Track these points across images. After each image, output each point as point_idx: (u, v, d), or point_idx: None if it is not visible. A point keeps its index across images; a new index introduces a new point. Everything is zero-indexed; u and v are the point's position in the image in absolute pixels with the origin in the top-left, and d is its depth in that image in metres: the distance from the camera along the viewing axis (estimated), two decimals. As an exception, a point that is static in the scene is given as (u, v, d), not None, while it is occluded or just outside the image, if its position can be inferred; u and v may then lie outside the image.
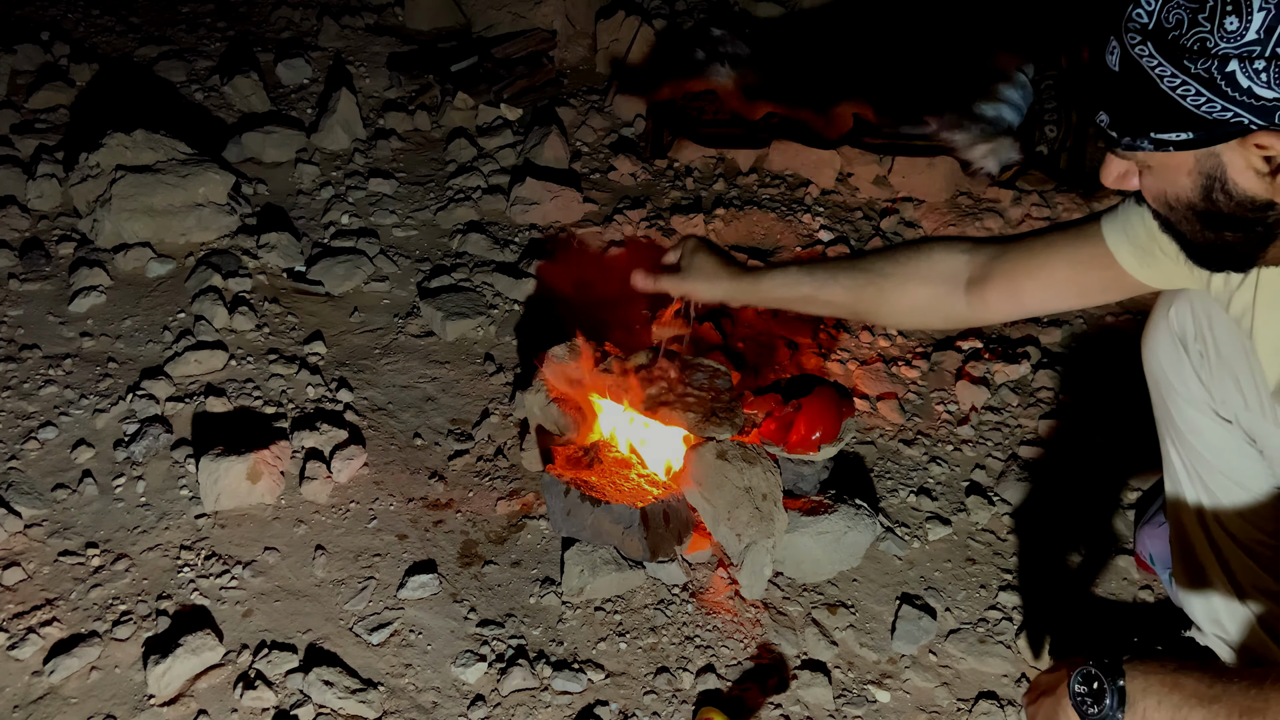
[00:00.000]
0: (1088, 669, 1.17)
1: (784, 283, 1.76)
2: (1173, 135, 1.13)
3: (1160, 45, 1.09)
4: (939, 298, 1.66)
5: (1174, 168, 1.18)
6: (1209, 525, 1.61)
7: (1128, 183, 1.27)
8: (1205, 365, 1.51)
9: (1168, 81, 1.10)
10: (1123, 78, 1.14)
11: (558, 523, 2.06)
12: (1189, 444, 1.58)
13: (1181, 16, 1.07)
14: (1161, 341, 1.57)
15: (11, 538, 2.04)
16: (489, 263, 2.87)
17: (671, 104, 3.39)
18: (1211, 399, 1.52)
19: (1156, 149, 1.15)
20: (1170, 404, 1.59)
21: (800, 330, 2.61)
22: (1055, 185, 3.13)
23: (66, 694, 1.77)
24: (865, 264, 1.72)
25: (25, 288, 2.73)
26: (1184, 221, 1.22)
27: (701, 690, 1.81)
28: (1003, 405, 2.45)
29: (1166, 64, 1.09)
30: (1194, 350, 1.52)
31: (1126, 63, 1.13)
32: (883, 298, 1.69)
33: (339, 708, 1.75)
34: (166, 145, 2.95)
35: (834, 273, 1.74)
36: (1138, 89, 1.13)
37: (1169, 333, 1.55)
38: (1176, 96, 1.10)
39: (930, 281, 1.65)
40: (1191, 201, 1.19)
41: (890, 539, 2.10)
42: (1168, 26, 1.09)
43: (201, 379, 2.44)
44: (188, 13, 4.13)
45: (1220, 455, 1.56)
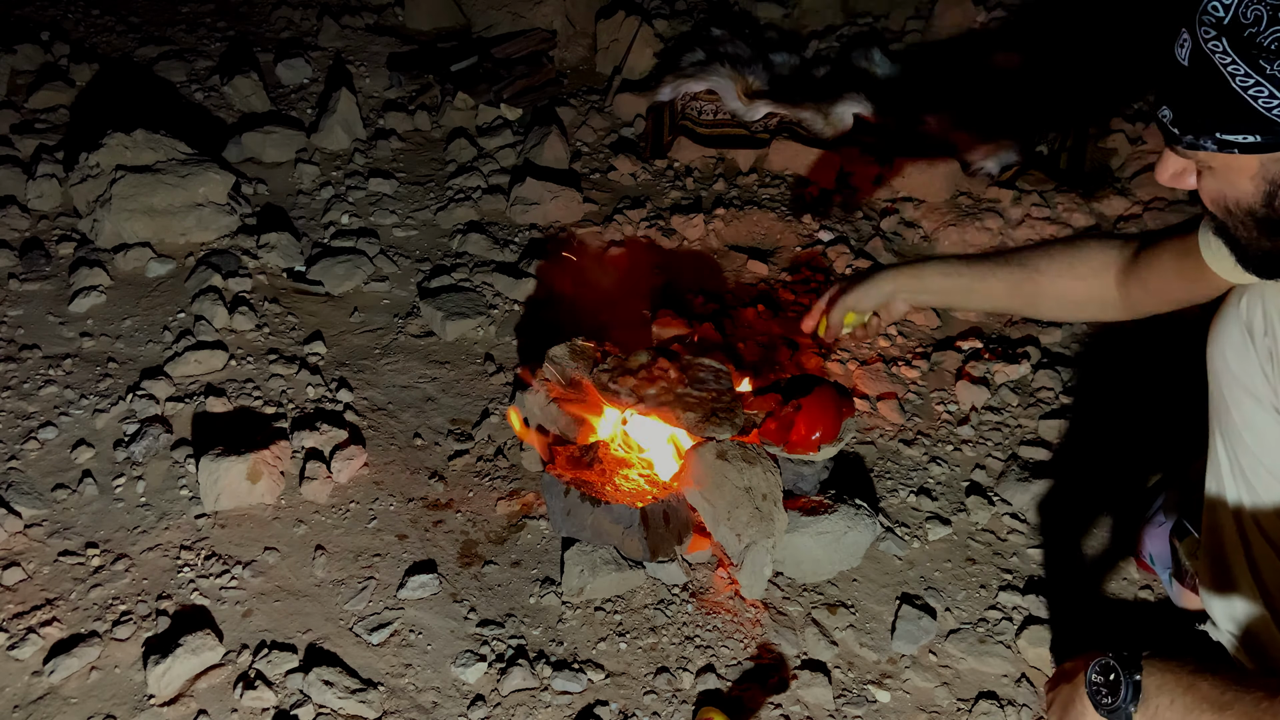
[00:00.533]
0: (1106, 660, 1.18)
1: (944, 271, 1.80)
2: (1239, 137, 1.10)
3: (1235, 42, 1.06)
4: (1093, 291, 1.69)
5: (1237, 170, 1.15)
6: (1244, 523, 1.59)
7: (1183, 181, 1.24)
8: (1272, 361, 1.48)
9: (1240, 80, 1.07)
10: (1191, 73, 1.10)
11: (558, 523, 2.06)
12: (1240, 438, 1.56)
13: (1261, 13, 1.04)
14: (1229, 332, 1.54)
15: (11, 538, 2.04)
16: (489, 263, 2.87)
17: (671, 104, 3.40)
18: (1275, 395, 1.50)
19: (1221, 150, 1.13)
20: (1229, 395, 1.56)
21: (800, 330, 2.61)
22: (1055, 185, 3.13)
23: (66, 694, 1.77)
24: (1021, 259, 1.76)
25: (25, 288, 2.73)
26: (1241, 227, 1.20)
27: (701, 690, 1.81)
28: (1003, 405, 2.45)
29: (1240, 62, 1.06)
30: (1261, 344, 1.49)
31: (1197, 57, 1.09)
32: (1039, 291, 1.73)
33: (339, 708, 1.75)
34: (166, 145, 2.95)
35: (993, 267, 1.77)
36: (1207, 86, 1.09)
37: (1238, 323, 1.52)
38: (1248, 97, 1.07)
39: (1084, 277, 1.69)
40: (1252, 207, 1.17)
41: (890, 539, 2.10)
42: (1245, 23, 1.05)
43: (201, 379, 2.44)
44: (188, 13, 4.13)
45: (1272, 452, 1.53)
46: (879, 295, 1.85)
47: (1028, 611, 1.96)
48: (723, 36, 3.66)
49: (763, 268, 2.87)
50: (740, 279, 2.86)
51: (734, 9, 4.05)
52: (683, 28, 3.89)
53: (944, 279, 1.81)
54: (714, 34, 3.69)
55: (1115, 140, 3.29)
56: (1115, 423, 2.36)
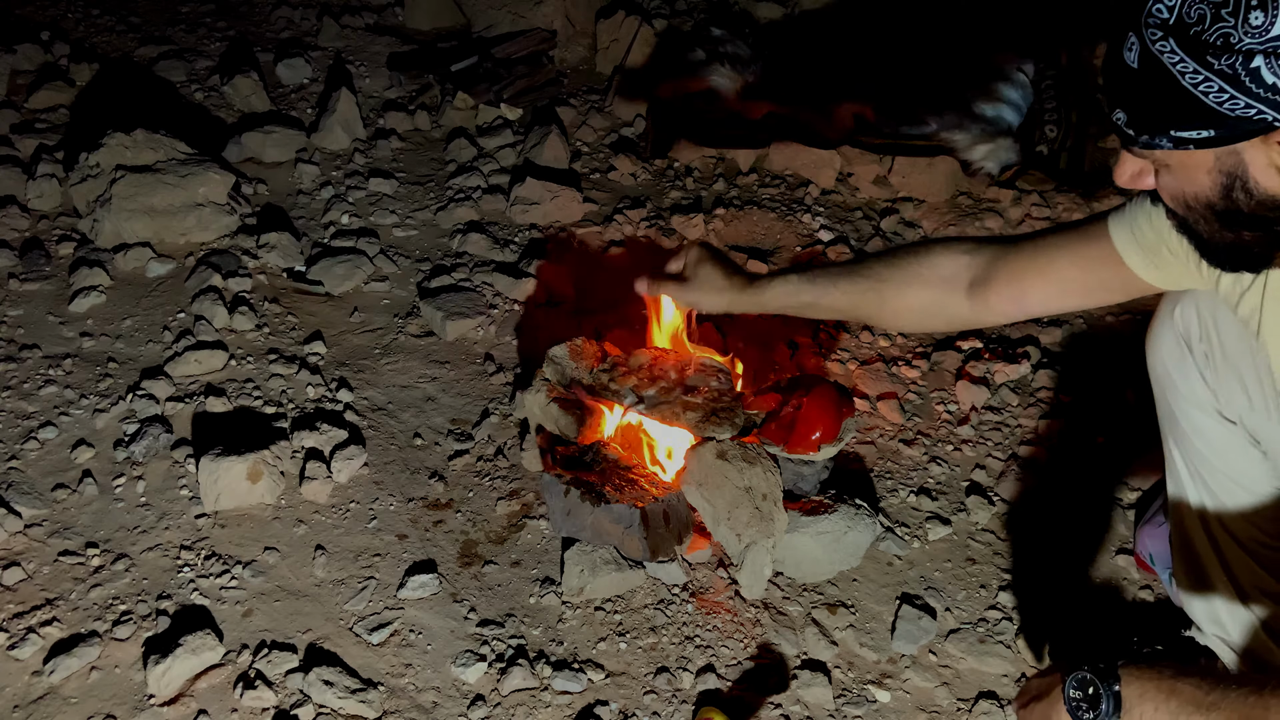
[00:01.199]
0: (1083, 674, 1.16)
1: (786, 291, 1.75)
2: (1193, 133, 1.11)
3: (1182, 40, 1.07)
4: (940, 300, 1.65)
5: (1193, 166, 1.16)
6: (1211, 526, 1.60)
7: (1142, 181, 1.25)
8: (1210, 366, 1.50)
9: (1189, 78, 1.08)
10: (1141, 74, 1.11)
11: (558, 523, 2.06)
12: (1192, 445, 1.58)
13: (1204, 11, 1.05)
14: (1165, 341, 1.56)
15: (11, 538, 2.04)
16: (489, 263, 2.87)
17: (671, 104, 3.39)
18: (1216, 400, 1.51)
19: (1176, 147, 1.13)
20: (1173, 404, 1.58)
21: (800, 330, 2.61)
22: (1055, 185, 3.13)
23: (66, 694, 1.77)
24: (865, 269, 1.72)
25: (25, 288, 2.73)
26: (1202, 221, 1.21)
27: (701, 690, 1.81)
28: (1003, 405, 2.45)
29: (1188, 60, 1.07)
30: (1199, 350, 1.51)
31: (1146, 59, 1.10)
32: (883, 302, 1.69)
33: (339, 708, 1.75)
34: (166, 145, 2.95)
35: (835, 279, 1.73)
36: (1157, 86, 1.10)
37: (1173, 332, 1.54)
38: (1198, 93, 1.08)
39: (931, 285, 1.65)
40: (1211, 200, 1.17)
41: (890, 539, 2.10)
42: (1190, 21, 1.06)
43: (201, 379, 2.44)
44: (188, 13, 4.12)
45: (1223, 456, 1.55)
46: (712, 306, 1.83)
47: (1028, 611, 1.96)
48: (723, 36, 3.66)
49: (763, 268, 2.87)
50: (740, 279, 2.85)
51: (734, 9, 4.05)
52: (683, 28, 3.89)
53: (785, 298, 1.75)
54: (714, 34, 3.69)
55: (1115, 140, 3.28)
56: (1115, 423, 2.36)
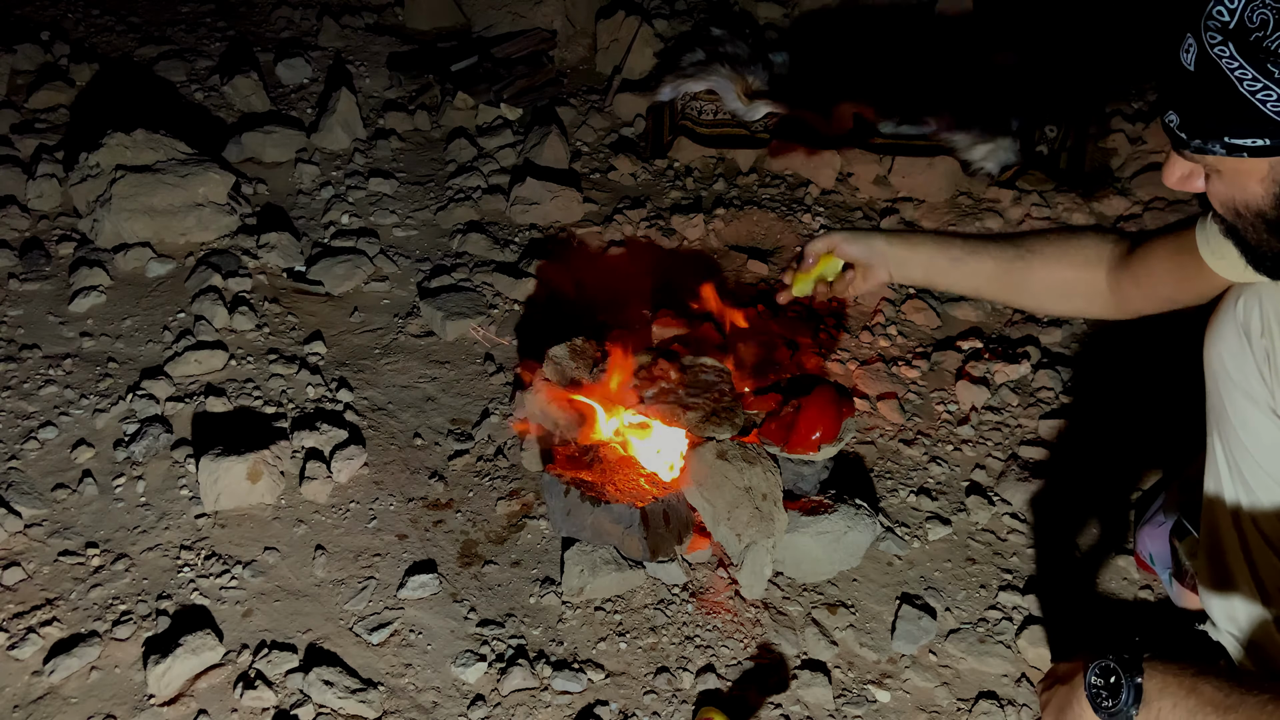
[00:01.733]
0: (1106, 662, 1.16)
1: (938, 241, 1.76)
2: (1248, 141, 1.10)
3: (1242, 47, 1.06)
4: (1083, 281, 1.66)
5: (1246, 174, 1.15)
6: (1243, 523, 1.59)
7: (1191, 185, 1.25)
8: (1269, 362, 1.48)
9: (1247, 85, 1.07)
10: (1198, 78, 1.11)
11: (558, 523, 2.06)
12: (1238, 439, 1.56)
13: (1267, 17, 1.05)
14: (1226, 333, 1.54)
15: (11, 538, 2.04)
16: (489, 263, 2.87)
17: (671, 104, 3.39)
18: (1272, 397, 1.50)
19: (1229, 154, 1.13)
20: (1225, 397, 1.56)
21: (800, 330, 2.61)
22: (1055, 185, 3.13)
23: (66, 694, 1.77)
24: (1015, 239, 1.73)
25: (25, 288, 2.73)
26: (1251, 229, 1.20)
27: (701, 690, 1.81)
28: (1003, 405, 2.45)
29: (1248, 66, 1.06)
30: (1259, 346, 1.49)
31: (1204, 62, 1.10)
32: (1030, 273, 1.70)
33: (339, 708, 1.75)
34: (166, 145, 2.95)
35: (986, 243, 1.74)
36: (1214, 90, 1.10)
37: (1234, 324, 1.52)
38: (1256, 101, 1.07)
39: (1076, 265, 1.66)
40: (1262, 210, 1.17)
41: (890, 539, 2.10)
42: (1251, 27, 1.06)
43: (201, 379, 2.44)
44: (188, 13, 4.13)
45: (1269, 454, 1.53)
46: (866, 249, 1.76)
47: (1028, 611, 1.97)
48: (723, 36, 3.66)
49: (763, 267, 2.87)
50: (740, 279, 2.86)
51: (734, 9, 4.05)
52: (683, 28, 3.89)
53: (935, 248, 1.76)
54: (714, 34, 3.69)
55: (1115, 140, 3.28)
56: (1115, 423, 2.36)
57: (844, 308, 2.72)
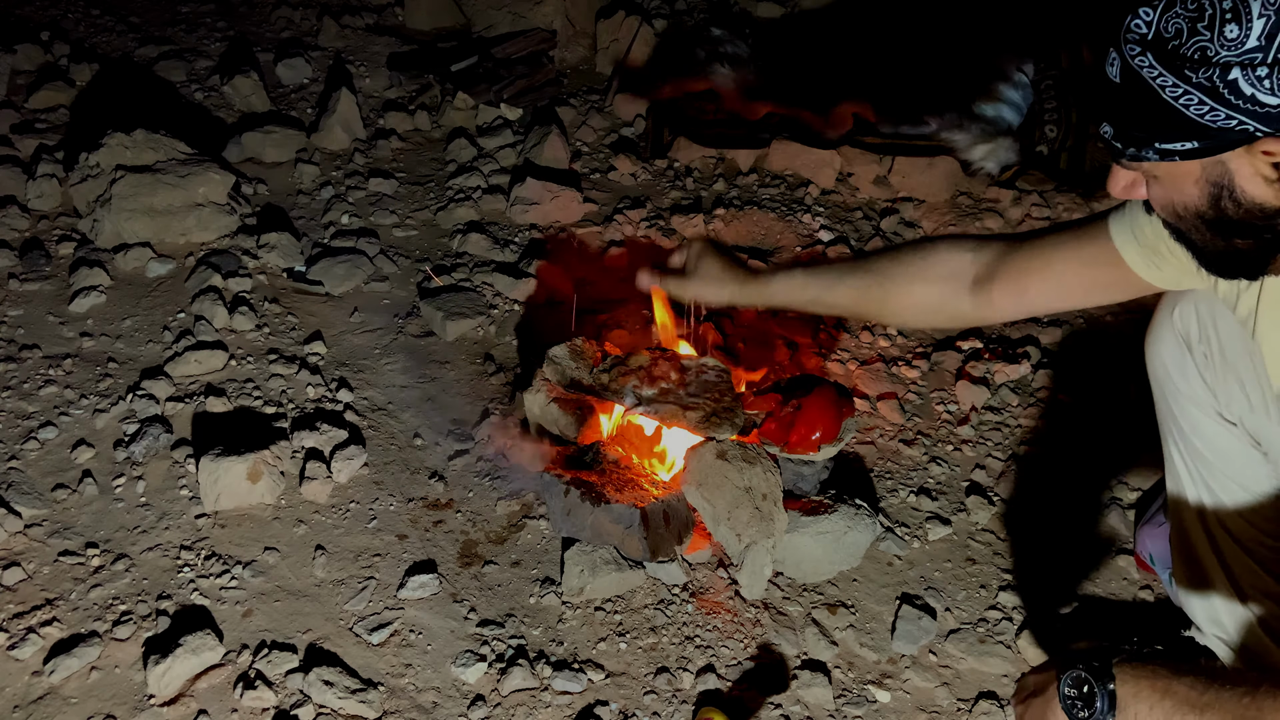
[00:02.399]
0: (1078, 672, 1.16)
1: (789, 286, 1.77)
2: (1178, 145, 1.12)
3: (1160, 55, 1.09)
4: (944, 297, 1.66)
5: (1181, 177, 1.17)
6: (1210, 526, 1.60)
7: (1135, 192, 1.26)
8: (1210, 366, 1.50)
9: (1170, 91, 1.09)
10: (1124, 89, 1.13)
11: (558, 523, 2.06)
12: (1191, 445, 1.58)
13: (1180, 26, 1.07)
14: (1165, 342, 1.57)
15: (11, 538, 2.04)
16: (489, 263, 2.87)
17: (671, 104, 3.39)
18: (1215, 400, 1.52)
19: (1162, 159, 1.15)
20: (1173, 404, 1.58)
21: (800, 330, 2.61)
22: (1055, 185, 3.13)
23: (66, 694, 1.77)
24: (870, 265, 1.73)
25: (25, 288, 2.73)
26: (1194, 230, 1.22)
27: (701, 690, 1.81)
28: (1003, 405, 2.45)
29: (1168, 74, 1.09)
30: (1198, 351, 1.51)
31: (1127, 74, 1.12)
32: (887, 298, 1.70)
33: (339, 708, 1.75)
34: (166, 145, 2.95)
35: (840, 275, 1.75)
36: (1140, 100, 1.12)
37: (1173, 333, 1.55)
38: (1179, 106, 1.09)
39: (935, 281, 1.66)
40: (1200, 210, 1.19)
41: (890, 539, 2.10)
42: (1167, 36, 1.08)
43: (201, 379, 2.44)
44: (188, 13, 4.13)
45: (1223, 456, 1.55)
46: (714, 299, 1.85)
47: (1028, 611, 1.97)
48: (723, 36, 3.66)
49: (763, 268, 2.87)
50: (740, 279, 2.85)
51: (734, 9, 4.05)
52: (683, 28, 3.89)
53: (789, 293, 1.78)
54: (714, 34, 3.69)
55: (1113, 143, 3.28)
56: (1115, 423, 2.36)
57: None
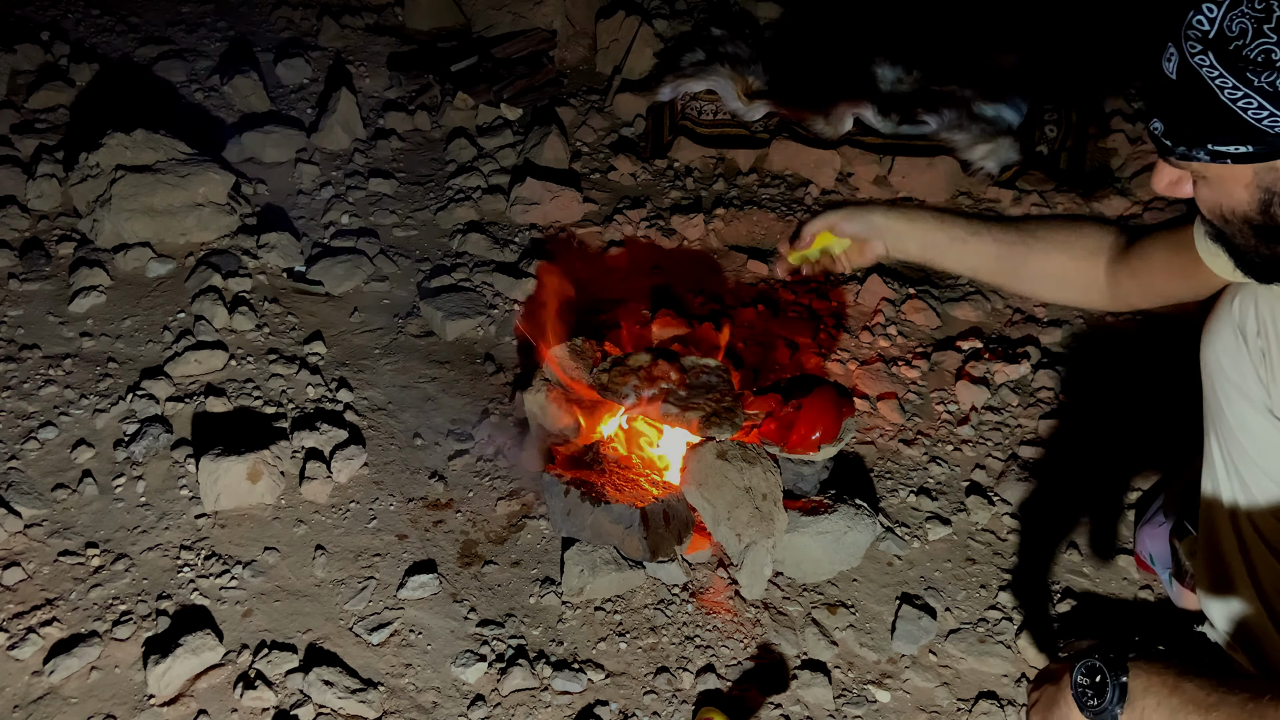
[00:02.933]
0: (1092, 661, 1.18)
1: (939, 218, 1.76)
2: (1231, 148, 1.11)
3: (1222, 55, 1.07)
4: (1080, 271, 1.67)
5: (1231, 180, 1.16)
6: (1240, 524, 1.59)
7: (1179, 190, 1.25)
8: (1265, 363, 1.48)
9: (1229, 93, 1.07)
10: (1180, 86, 1.11)
11: (558, 523, 2.06)
12: (1235, 439, 1.55)
13: (1246, 26, 1.05)
14: (1223, 333, 1.54)
15: (11, 538, 2.04)
16: (489, 263, 2.87)
17: (671, 104, 3.39)
18: (1268, 397, 1.50)
19: (1213, 160, 1.13)
20: (1223, 396, 1.56)
21: (800, 330, 2.61)
22: (1055, 185, 3.13)
23: (66, 694, 1.77)
24: (1018, 225, 1.73)
25: (25, 288, 2.73)
26: (1239, 234, 1.21)
27: (701, 690, 1.81)
28: (1003, 405, 2.45)
29: (1228, 75, 1.07)
30: (1254, 345, 1.48)
31: (1185, 71, 1.10)
32: (1029, 257, 1.70)
33: (339, 708, 1.75)
34: (166, 145, 2.95)
35: (988, 224, 1.74)
36: (1196, 99, 1.10)
37: (1231, 324, 1.52)
38: (1237, 109, 1.08)
39: (1076, 255, 1.66)
40: (1248, 215, 1.18)
41: (890, 539, 2.10)
42: (1230, 36, 1.06)
43: (201, 379, 2.44)
44: (188, 13, 4.13)
45: (1266, 454, 1.53)
46: (865, 224, 1.78)
47: (1028, 611, 1.97)
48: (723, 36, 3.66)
49: (763, 268, 2.87)
50: (740, 279, 2.86)
51: (734, 9, 4.05)
52: (683, 28, 3.89)
53: (937, 225, 1.76)
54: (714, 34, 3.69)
55: (1115, 140, 3.29)
56: (1115, 423, 2.36)
57: (844, 309, 2.72)
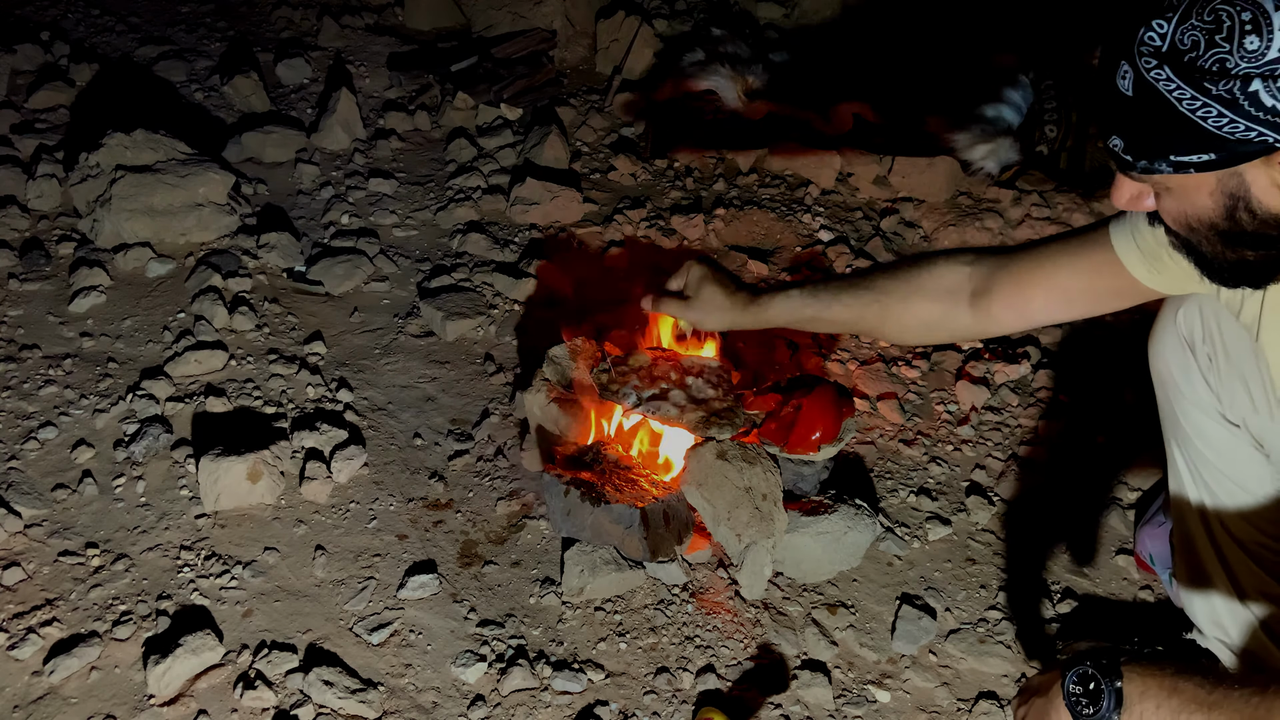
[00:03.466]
0: (1084, 668, 1.16)
1: (789, 308, 1.75)
2: (1194, 157, 1.11)
3: (1177, 68, 1.07)
4: (944, 313, 1.64)
5: (1195, 189, 1.16)
6: (1212, 527, 1.60)
7: (1140, 204, 1.25)
8: (1213, 369, 1.50)
9: (1187, 104, 1.08)
10: (1137, 102, 1.12)
11: (558, 523, 2.06)
12: (1194, 446, 1.57)
13: (1198, 38, 1.06)
14: (1169, 344, 1.56)
15: (11, 538, 2.04)
16: (489, 263, 2.87)
17: (671, 104, 3.39)
18: (1219, 402, 1.51)
19: (1176, 171, 1.14)
20: (1176, 406, 1.58)
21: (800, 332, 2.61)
22: (1055, 185, 3.13)
23: (66, 694, 1.77)
24: (868, 282, 1.71)
25: (25, 288, 2.73)
26: (1205, 241, 1.21)
27: (701, 690, 1.81)
28: (1003, 405, 2.45)
29: (1185, 86, 1.07)
30: (1202, 354, 1.51)
31: (1141, 86, 1.11)
32: (886, 316, 1.68)
33: (339, 708, 1.75)
34: (166, 145, 2.95)
35: (837, 293, 1.72)
36: (1154, 112, 1.11)
37: (1176, 336, 1.54)
38: (1196, 118, 1.08)
39: (933, 298, 1.64)
40: (1214, 222, 1.18)
41: (890, 539, 2.10)
42: (1184, 49, 1.07)
43: (201, 379, 2.44)
44: (188, 13, 4.13)
45: (1225, 458, 1.55)
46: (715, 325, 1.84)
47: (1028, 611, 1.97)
48: (723, 36, 3.66)
49: (763, 268, 2.87)
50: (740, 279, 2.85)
51: (734, 9, 4.05)
52: (683, 28, 3.89)
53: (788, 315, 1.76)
54: (714, 34, 3.69)
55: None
56: (1114, 423, 2.36)
57: None
